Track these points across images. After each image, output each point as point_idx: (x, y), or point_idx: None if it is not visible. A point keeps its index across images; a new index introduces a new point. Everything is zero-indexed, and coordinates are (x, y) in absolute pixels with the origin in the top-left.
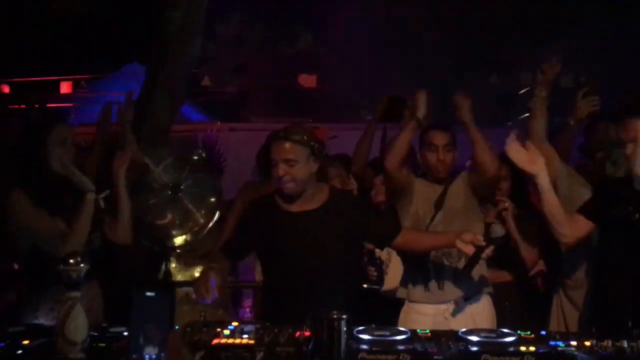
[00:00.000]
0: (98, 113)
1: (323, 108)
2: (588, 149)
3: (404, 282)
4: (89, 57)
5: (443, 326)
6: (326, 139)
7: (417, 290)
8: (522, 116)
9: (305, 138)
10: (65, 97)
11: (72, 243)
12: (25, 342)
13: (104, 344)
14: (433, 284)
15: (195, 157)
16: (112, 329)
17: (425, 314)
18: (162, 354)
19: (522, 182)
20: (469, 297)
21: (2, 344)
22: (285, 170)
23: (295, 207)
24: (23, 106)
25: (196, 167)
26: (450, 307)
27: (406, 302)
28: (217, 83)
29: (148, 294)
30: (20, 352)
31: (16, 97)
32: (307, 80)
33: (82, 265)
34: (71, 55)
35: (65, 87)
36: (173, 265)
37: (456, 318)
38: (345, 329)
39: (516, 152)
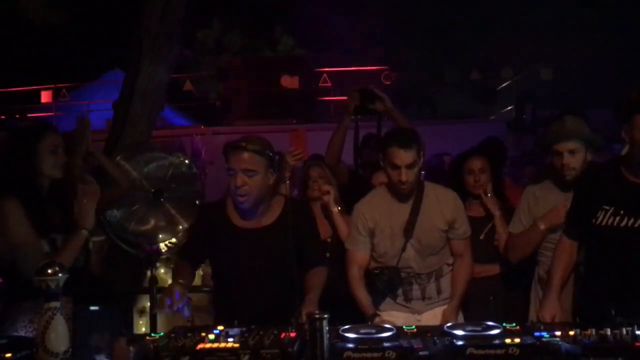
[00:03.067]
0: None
1: (306, 109)
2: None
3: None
4: (69, 65)
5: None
6: (304, 141)
7: (386, 304)
8: (504, 110)
9: (265, 148)
10: (47, 107)
11: None
12: (8, 355)
13: None
14: (400, 301)
15: (177, 162)
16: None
17: (396, 318)
18: None
19: (499, 175)
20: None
21: None
22: (243, 181)
23: (247, 223)
24: (3, 117)
25: (178, 172)
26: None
27: None
28: (199, 88)
29: (92, 308)
30: None
31: None
32: (289, 82)
33: (60, 275)
34: (51, 64)
35: (46, 97)
36: (162, 270)
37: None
38: (327, 328)
39: None
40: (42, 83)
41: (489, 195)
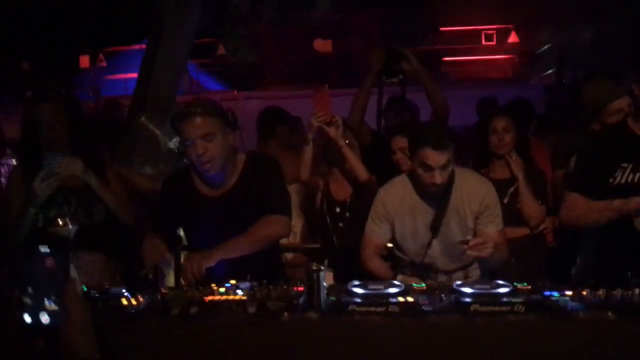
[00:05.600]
0: None
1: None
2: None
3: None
4: (107, 31)
5: None
6: (328, 102)
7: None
8: (544, 73)
9: (215, 109)
10: (85, 72)
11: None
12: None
13: (102, 302)
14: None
15: None
16: (113, 290)
17: None
18: (60, 306)
19: (525, 136)
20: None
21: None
22: (204, 147)
23: (213, 191)
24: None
25: None
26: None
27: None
28: (233, 52)
29: (42, 250)
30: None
31: (36, 74)
32: (323, 46)
33: (70, 226)
34: (90, 30)
35: (84, 62)
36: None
37: None
38: (324, 281)
39: None
40: (80, 49)
41: (513, 156)
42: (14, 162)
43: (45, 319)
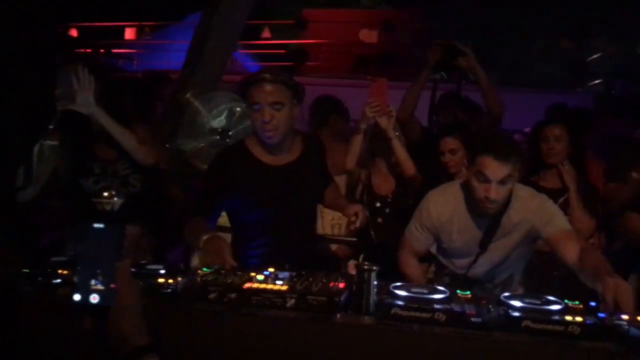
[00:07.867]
0: None
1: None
2: None
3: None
4: (155, 4)
5: None
6: (384, 92)
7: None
8: (593, 83)
9: (289, 79)
10: (130, 44)
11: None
12: (65, 272)
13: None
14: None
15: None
16: (150, 266)
17: None
18: (111, 285)
19: (580, 147)
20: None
21: (41, 274)
22: (271, 115)
23: (271, 159)
24: (89, 50)
25: (245, 114)
26: None
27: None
28: (278, 36)
29: (96, 225)
30: (58, 281)
31: (83, 41)
32: (368, 36)
33: (115, 199)
34: (137, 2)
35: (129, 33)
36: None
37: None
38: (375, 280)
39: None
40: (127, 20)
41: (566, 166)
42: None
43: (94, 298)
